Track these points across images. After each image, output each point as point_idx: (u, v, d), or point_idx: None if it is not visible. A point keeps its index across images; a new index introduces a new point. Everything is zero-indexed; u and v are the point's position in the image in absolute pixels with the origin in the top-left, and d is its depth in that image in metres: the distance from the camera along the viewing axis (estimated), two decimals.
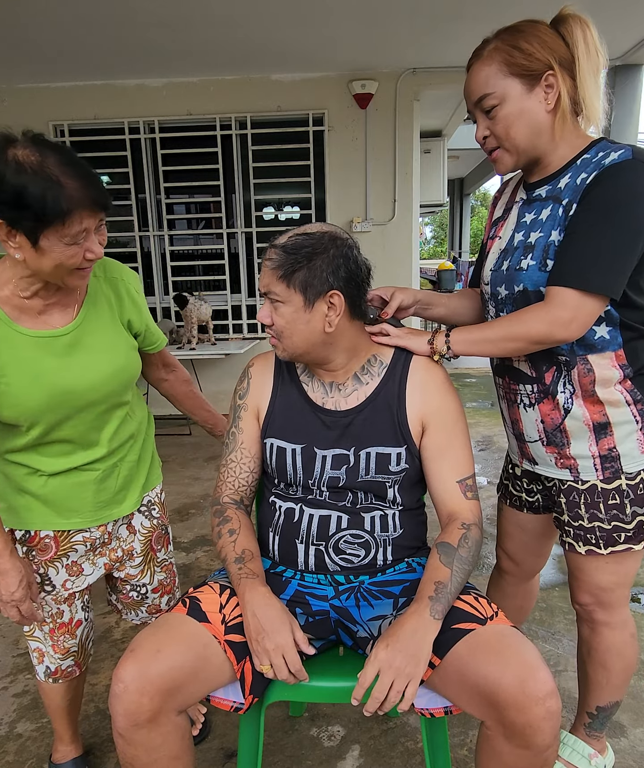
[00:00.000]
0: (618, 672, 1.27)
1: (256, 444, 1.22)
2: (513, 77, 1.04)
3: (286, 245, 1.07)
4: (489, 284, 1.21)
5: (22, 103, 4.60)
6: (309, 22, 3.59)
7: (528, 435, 1.23)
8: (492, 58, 1.04)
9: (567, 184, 1.07)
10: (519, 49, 1.03)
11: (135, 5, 3.28)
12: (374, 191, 4.69)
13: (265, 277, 1.09)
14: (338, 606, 1.15)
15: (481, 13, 3.51)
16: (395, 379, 1.17)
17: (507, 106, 1.05)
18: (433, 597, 0.99)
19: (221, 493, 1.23)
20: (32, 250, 0.98)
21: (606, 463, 1.15)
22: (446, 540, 1.09)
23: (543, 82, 1.03)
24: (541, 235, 1.10)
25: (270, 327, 1.12)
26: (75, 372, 1.12)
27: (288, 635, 0.99)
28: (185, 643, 0.98)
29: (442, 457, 1.15)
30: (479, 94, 1.07)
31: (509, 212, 1.21)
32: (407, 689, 0.91)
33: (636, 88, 4.49)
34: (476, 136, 1.12)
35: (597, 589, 1.22)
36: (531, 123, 1.06)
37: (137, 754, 0.94)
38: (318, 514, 1.16)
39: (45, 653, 1.30)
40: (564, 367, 1.13)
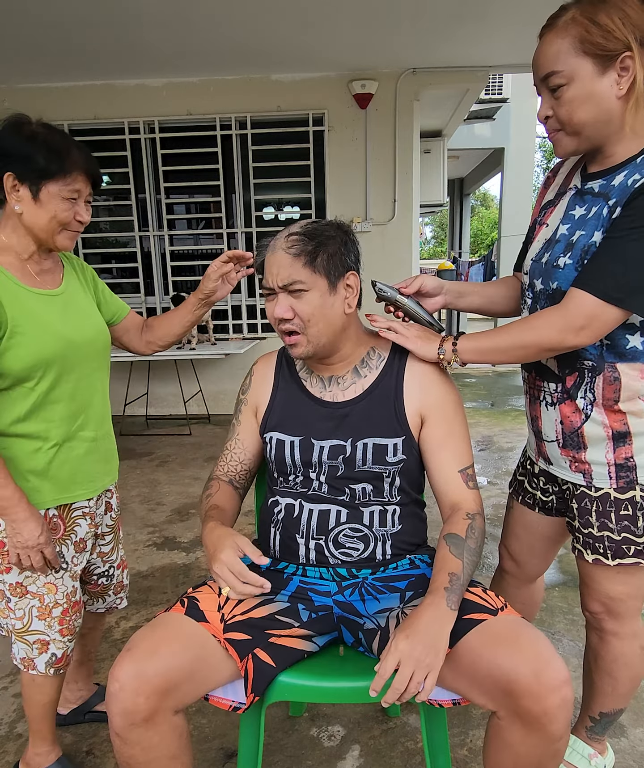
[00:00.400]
0: (624, 682, 1.24)
1: (250, 437, 1.27)
2: (586, 56, 0.93)
3: (306, 232, 1.09)
4: (528, 275, 1.17)
5: (22, 103, 4.60)
6: (309, 22, 3.59)
7: (546, 434, 1.20)
8: (566, 31, 0.94)
9: (619, 183, 1.00)
10: (597, 24, 0.92)
11: (135, 5, 3.28)
12: (374, 191, 4.69)
13: (284, 268, 1.08)
14: (342, 601, 1.15)
15: (481, 13, 3.51)
16: (394, 371, 1.19)
17: (574, 87, 0.96)
18: (449, 588, 0.99)
19: (215, 471, 1.29)
20: (32, 201, 1.15)
21: (621, 472, 1.11)
22: (453, 531, 1.10)
23: (618, 64, 0.93)
24: (583, 233, 1.04)
25: (290, 321, 1.10)
26: (73, 326, 1.25)
27: (228, 550, 1.00)
28: (182, 642, 0.98)
29: (442, 448, 1.17)
30: (546, 70, 0.97)
31: (560, 198, 1.14)
32: (426, 680, 0.91)
33: None
34: (539, 114, 1.03)
35: (606, 599, 1.18)
36: (598, 109, 0.96)
37: (134, 754, 0.95)
38: (318, 508, 1.17)
39: (50, 641, 1.28)
40: (588, 374, 1.09)
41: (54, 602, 1.26)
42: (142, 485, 3.46)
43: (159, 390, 5.07)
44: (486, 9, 3.44)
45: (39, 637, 1.27)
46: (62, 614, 1.27)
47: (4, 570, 1.24)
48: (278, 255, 1.09)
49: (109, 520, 1.44)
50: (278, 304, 1.11)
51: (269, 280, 1.11)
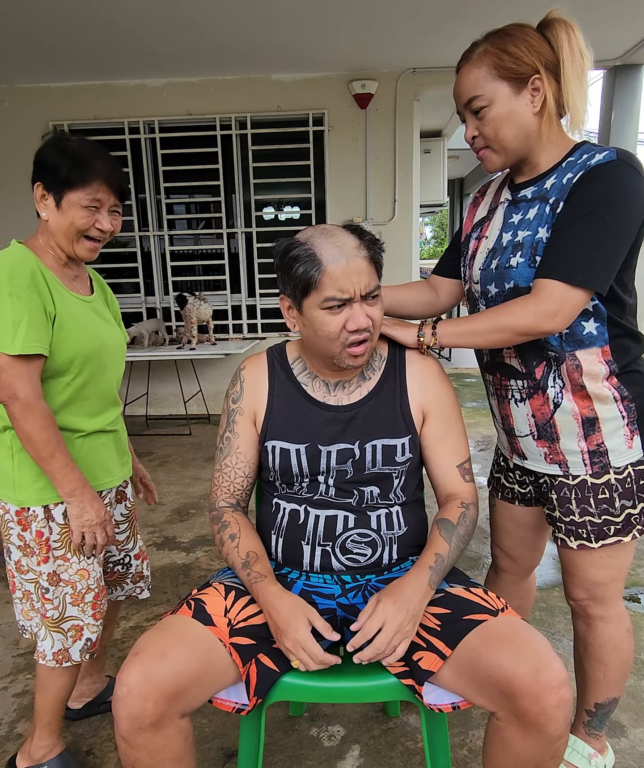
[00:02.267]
0: (615, 667, 1.27)
1: (252, 448, 1.21)
2: (502, 80, 1.06)
3: (368, 235, 1.08)
4: (479, 283, 1.23)
5: (22, 103, 4.60)
6: (309, 22, 3.59)
7: (519, 430, 1.25)
8: (481, 61, 1.07)
9: (553, 185, 1.10)
10: (507, 53, 1.05)
11: (135, 5, 3.28)
12: (374, 191, 4.69)
13: (364, 276, 1.04)
14: (346, 604, 1.15)
15: (481, 13, 3.51)
16: (396, 371, 1.19)
17: (495, 107, 1.08)
18: (432, 567, 1.04)
19: (216, 497, 1.22)
20: (56, 209, 1.24)
21: (595, 458, 1.17)
22: (446, 516, 1.13)
23: (529, 85, 1.06)
24: (529, 233, 1.12)
25: (365, 329, 1.07)
26: (104, 330, 1.36)
27: (303, 629, 0.99)
28: (190, 647, 0.97)
29: (442, 444, 1.18)
30: (468, 95, 1.09)
31: (493, 212, 1.24)
32: (399, 646, 0.97)
33: (636, 88, 4.49)
34: (466, 136, 1.15)
35: (590, 584, 1.23)
36: (518, 124, 1.09)
37: (140, 757, 0.94)
38: (324, 514, 1.15)
39: (84, 626, 1.32)
40: (554, 362, 1.16)
41: (86, 587, 1.31)
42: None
43: (159, 390, 5.07)
44: (485, 9, 3.45)
45: (74, 623, 1.31)
46: (94, 599, 1.32)
47: (42, 560, 1.27)
48: (357, 263, 1.04)
49: (123, 509, 1.50)
50: (359, 314, 1.05)
51: (350, 290, 1.04)
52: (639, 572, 2.33)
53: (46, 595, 1.28)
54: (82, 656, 1.32)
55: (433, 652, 0.99)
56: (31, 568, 1.29)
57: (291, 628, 0.99)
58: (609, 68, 4.50)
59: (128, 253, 4.96)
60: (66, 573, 1.29)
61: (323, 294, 1.04)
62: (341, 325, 1.06)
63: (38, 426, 1.18)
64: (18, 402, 1.16)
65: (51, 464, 1.20)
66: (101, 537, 1.28)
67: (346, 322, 1.06)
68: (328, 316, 1.06)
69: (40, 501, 1.25)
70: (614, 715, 1.57)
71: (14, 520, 1.28)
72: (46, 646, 1.30)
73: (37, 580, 1.29)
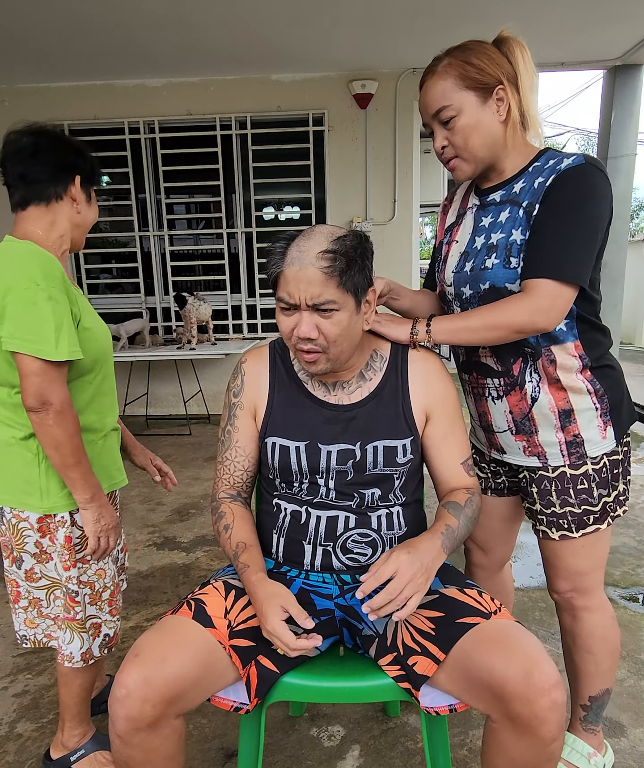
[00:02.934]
0: (605, 656, 1.29)
1: (252, 442, 1.21)
2: (468, 90, 1.10)
3: (340, 250, 1.01)
4: (453, 285, 1.26)
5: (22, 103, 4.60)
6: (309, 22, 3.59)
7: (497, 426, 1.28)
8: (447, 73, 1.11)
9: (522, 188, 1.15)
10: (471, 65, 1.10)
11: (135, 5, 3.28)
12: (374, 191, 4.69)
13: (314, 287, 1.01)
14: (343, 604, 1.15)
15: (481, 13, 3.51)
16: (397, 372, 1.18)
17: (464, 117, 1.11)
18: (444, 533, 1.05)
19: (217, 489, 1.23)
20: (87, 203, 1.33)
21: (572, 449, 1.21)
22: (453, 500, 1.14)
23: (494, 95, 1.11)
24: (502, 235, 1.16)
25: (314, 341, 1.05)
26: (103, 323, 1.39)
27: (273, 617, 0.97)
28: (190, 650, 0.97)
29: (445, 442, 1.18)
30: (437, 106, 1.12)
31: (462, 218, 1.28)
32: (411, 600, 0.95)
33: (635, 88, 4.49)
34: (435, 146, 1.18)
35: (574, 575, 1.26)
36: (486, 133, 1.13)
37: (133, 755, 0.95)
38: (325, 515, 1.15)
39: (102, 623, 1.35)
40: (530, 358, 1.20)
41: (103, 586, 1.34)
42: (142, 485, 3.45)
43: (159, 390, 5.07)
44: (485, 9, 3.45)
45: (93, 621, 1.33)
46: (110, 596, 1.36)
47: (71, 565, 1.27)
48: (310, 272, 1.01)
49: None
50: (302, 322, 1.04)
51: (295, 296, 1.02)
52: (639, 572, 2.33)
53: (76, 598, 1.28)
54: (101, 651, 1.35)
55: (427, 657, 0.99)
56: (45, 575, 1.29)
57: (265, 617, 0.99)
58: (609, 68, 4.50)
59: (128, 253, 4.96)
60: (85, 575, 1.30)
61: (278, 292, 1.06)
62: (291, 327, 1.06)
63: (70, 432, 1.17)
64: (52, 408, 1.14)
65: (76, 471, 1.20)
66: (114, 540, 1.30)
67: (295, 327, 1.06)
68: (281, 316, 1.08)
69: (67, 507, 1.25)
70: (614, 715, 1.57)
71: (34, 527, 1.26)
72: (73, 648, 1.30)
73: (60, 585, 1.30)
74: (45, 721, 1.61)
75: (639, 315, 9.54)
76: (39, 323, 1.13)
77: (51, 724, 1.59)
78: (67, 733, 1.40)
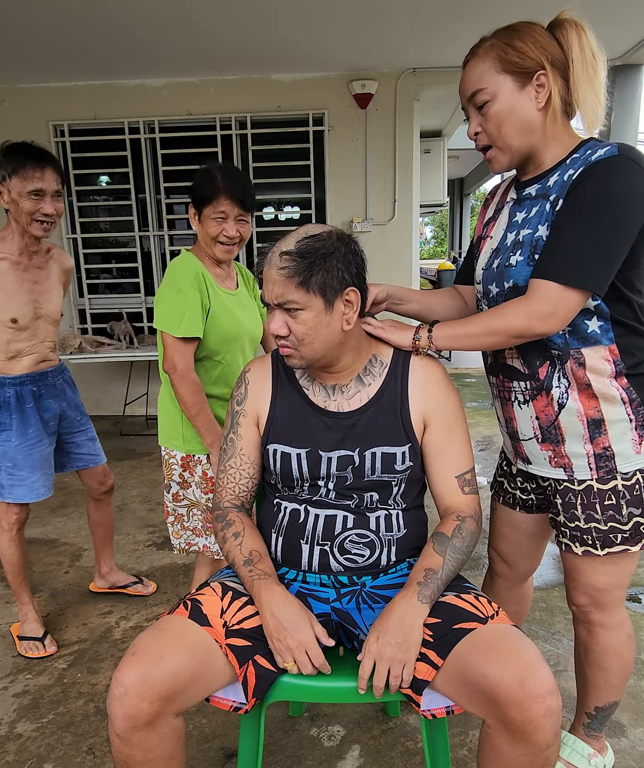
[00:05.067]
0: (615, 673, 1.26)
1: (255, 450, 1.22)
2: (506, 74, 1.06)
3: (300, 251, 1.04)
4: (481, 283, 1.22)
5: (22, 103, 4.60)
6: (309, 22, 3.59)
7: (523, 433, 1.23)
8: (486, 55, 1.07)
9: (555, 182, 1.09)
10: (512, 47, 1.05)
11: (135, 5, 3.28)
12: (374, 191, 4.69)
13: (277, 287, 1.05)
14: (339, 609, 1.15)
15: (481, 14, 3.51)
16: (397, 379, 1.17)
17: (498, 102, 1.07)
18: (422, 582, 1.03)
19: (220, 498, 1.23)
20: (197, 221, 1.63)
21: (601, 463, 1.15)
22: (440, 530, 1.12)
23: (534, 81, 1.05)
24: (529, 231, 1.11)
25: (285, 338, 1.09)
26: (246, 316, 1.73)
27: (309, 631, 1.01)
28: (187, 648, 0.98)
29: (442, 454, 1.17)
30: (472, 89, 1.08)
31: (499, 212, 1.23)
32: (403, 672, 0.98)
33: (636, 88, 4.49)
34: (469, 131, 1.14)
35: (593, 590, 1.22)
36: (521, 120, 1.07)
37: (133, 754, 0.95)
38: (324, 514, 1.15)
39: None
40: (558, 361, 1.14)
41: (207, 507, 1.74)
42: (143, 485, 3.46)
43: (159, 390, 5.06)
44: (485, 9, 3.44)
45: None
46: None
47: (209, 491, 1.69)
48: (272, 272, 1.06)
49: None
50: (272, 320, 1.09)
51: (266, 296, 1.09)
52: (639, 572, 2.33)
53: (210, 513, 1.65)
54: None
55: (426, 663, 0.99)
56: (186, 497, 1.71)
57: (297, 630, 1.00)
58: (609, 68, 4.49)
59: (128, 253, 4.96)
60: None
61: None
62: (266, 326, 1.14)
63: (189, 391, 1.57)
64: (176, 372, 1.56)
65: (198, 420, 1.59)
66: None
67: None
68: (268, 315, 1.14)
69: (203, 451, 1.66)
70: (614, 715, 1.57)
71: (179, 463, 1.70)
72: (209, 542, 1.73)
73: (198, 505, 1.71)
74: (45, 721, 1.61)
75: None
76: (169, 308, 1.56)
77: (51, 724, 1.60)
78: None
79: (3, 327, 1.76)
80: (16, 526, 1.89)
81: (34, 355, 1.85)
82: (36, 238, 1.77)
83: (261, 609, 1.04)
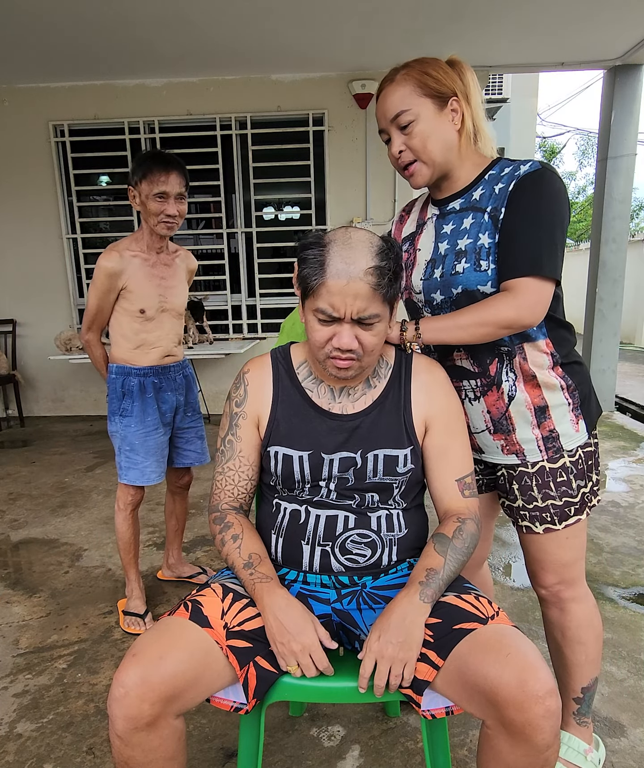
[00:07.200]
0: (593, 644, 1.33)
1: (254, 452, 1.21)
2: (426, 97, 1.16)
3: (392, 265, 1.03)
4: (422, 292, 1.28)
5: (22, 103, 4.60)
6: (309, 22, 3.59)
7: (474, 426, 1.31)
8: (405, 81, 1.18)
9: (482, 195, 1.19)
10: (429, 75, 1.17)
11: (135, 5, 3.28)
12: (374, 191, 4.69)
13: (362, 301, 1.02)
14: (340, 609, 1.15)
15: (481, 14, 3.51)
16: (401, 381, 1.18)
17: (422, 122, 1.16)
18: (423, 582, 1.04)
19: (219, 500, 1.22)
20: None
21: (549, 444, 1.25)
22: (441, 531, 1.13)
23: (449, 106, 1.18)
24: (469, 241, 1.19)
25: (353, 351, 1.06)
26: None
27: (313, 634, 1.01)
28: (187, 649, 0.98)
29: (442, 457, 1.17)
30: (395, 111, 1.17)
31: (423, 227, 1.31)
32: (404, 671, 0.98)
33: (635, 88, 4.48)
34: (392, 151, 1.22)
35: (560, 567, 1.29)
36: (443, 138, 1.18)
37: (134, 755, 0.95)
38: (325, 514, 1.15)
39: None
40: (506, 357, 1.23)
41: None
42: None
43: None
44: (485, 9, 3.44)
45: None
46: None
47: None
48: (358, 286, 1.01)
49: None
50: (344, 334, 1.04)
51: (341, 310, 1.03)
52: (639, 572, 2.33)
53: None
54: None
55: (426, 663, 0.99)
56: None
57: (301, 633, 1.00)
58: (609, 68, 4.50)
59: None
60: None
61: (317, 303, 1.04)
62: (327, 338, 1.06)
63: None
64: None
65: None
66: None
67: (332, 337, 1.06)
68: (318, 325, 1.07)
69: None
70: (614, 715, 1.57)
71: None
72: None
73: None
74: (45, 721, 1.61)
75: (639, 315, 9.54)
76: None
77: (51, 724, 1.60)
78: None
79: (133, 317, 1.93)
80: (130, 506, 2.03)
81: (160, 348, 2.01)
82: (162, 237, 1.94)
83: (263, 612, 1.04)
